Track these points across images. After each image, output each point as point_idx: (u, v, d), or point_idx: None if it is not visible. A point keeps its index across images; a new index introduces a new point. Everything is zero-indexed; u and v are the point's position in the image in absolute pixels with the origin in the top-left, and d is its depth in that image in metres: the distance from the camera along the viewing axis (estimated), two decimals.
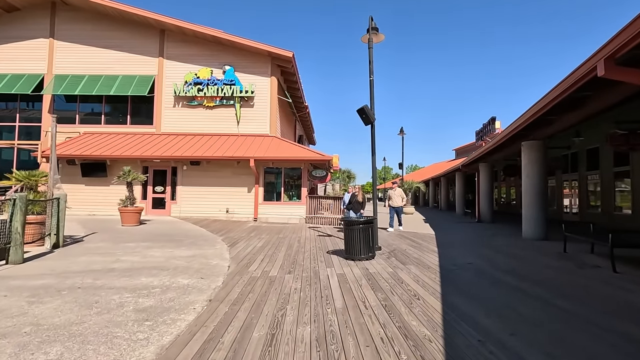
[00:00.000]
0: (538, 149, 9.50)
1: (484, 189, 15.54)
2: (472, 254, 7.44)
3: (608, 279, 5.15)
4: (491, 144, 10.71)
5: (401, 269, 6.09)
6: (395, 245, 8.56)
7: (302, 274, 5.79)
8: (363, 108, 7.66)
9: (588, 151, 15.62)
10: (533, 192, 9.54)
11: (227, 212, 15.05)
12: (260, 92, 16.65)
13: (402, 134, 21.44)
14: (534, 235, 9.49)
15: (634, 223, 12.63)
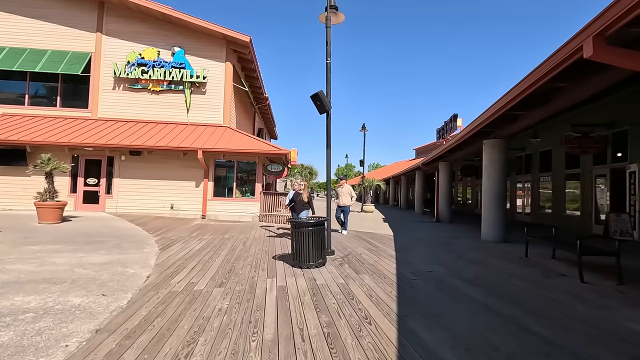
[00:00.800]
0: (500, 148, 9.09)
1: (443, 188, 15.26)
2: (432, 259, 6.78)
3: (580, 293, 4.61)
4: (453, 141, 10.25)
5: (354, 279, 5.24)
6: (351, 249, 7.75)
7: (236, 287, 4.76)
8: (318, 94, 6.72)
9: (541, 154, 15.84)
10: (493, 194, 9.13)
11: (171, 208, 13.56)
12: (213, 78, 15.23)
13: (364, 130, 20.87)
14: (493, 238, 9.09)
15: (582, 224, 12.82)
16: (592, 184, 12.50)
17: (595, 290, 4.70)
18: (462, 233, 11.13)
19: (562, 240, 6.45)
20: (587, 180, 12.75)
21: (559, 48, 3.97)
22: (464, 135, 9.20)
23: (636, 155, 10.49)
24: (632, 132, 10.74)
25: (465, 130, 9.06)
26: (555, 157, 14.62)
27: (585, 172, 12.83)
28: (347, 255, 7.06)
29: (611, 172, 11.68)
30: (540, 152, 15.83)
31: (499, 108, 6.38)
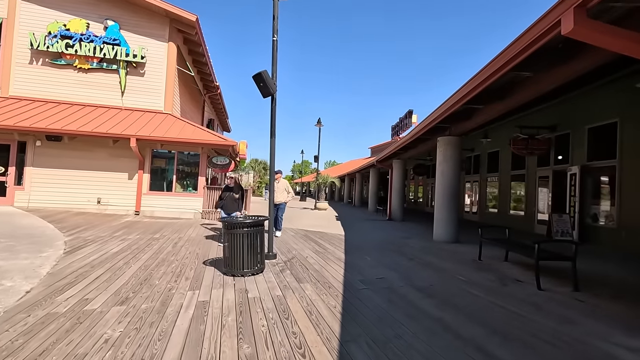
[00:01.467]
0: (455, 145, 8.79)
1: (397, 186, 15.00)
2: (383, 262, 6.18)
3: (540, 302, 4.19)
4: (407, 137, 9.84)
5: (294, 289, 4.44)
6: (296, 252, 6.95)
7: (143, 304, 3.75)
8: (261, 74, 5.81)
9: (489, 154, 16.17)
10: (446, 193, 8.82)
11: (98, 202, 11.88)
12: (154, 59, 13.63)
13: (319, 125, 20.17)
14: (446, 238, 8.78)
15: (525, 224, 13.15)
16: (535, 185, 12.83)
17: (553, 299, 4.33)
18: (414, 232, 10.81)
19: (513, 242, 6.15)
20: (531, 181, 13.08)
21: (534, 23, 3.48)
22: (418, 131, 8.80)
23: (577, 158, 10.81)
24: (573, 135, 11.05)
25: (421, 125, 8.65)
26: (503, 158, 14.95)
27: (530, 173, 13.16)
28: (291, 259, 6.24)
29: (554, 173, 12.02)
30: (489, 152, 16.16)
31: (457, 100, 5.93)
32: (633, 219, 8.90)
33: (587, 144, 10.51)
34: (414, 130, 9.08)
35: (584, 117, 10.61)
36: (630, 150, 9.09)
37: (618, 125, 9.46)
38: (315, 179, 21.51)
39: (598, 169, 10.14)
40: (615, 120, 9.56)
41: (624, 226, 9.15)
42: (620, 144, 9.38)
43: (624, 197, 9.22)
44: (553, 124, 11.91)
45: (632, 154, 9.03)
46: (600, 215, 10.03)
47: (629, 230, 8.99)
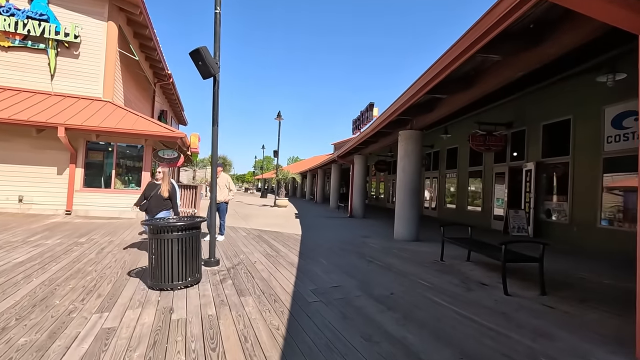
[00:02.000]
0: (416, 140, 8.39)
1: (358, 182, 14.57)
2: (340, 266, 5.57)
3: (509, 312, 3.76)
4: (368, 130, 9.34)
5: (232, 306, 3.68)
6: (245, 256, 6.16)
7: (25, 336, 2.83)
8: (199, 51, 4.93)
9: (448, 151, 16.23)
10: (408, 189, 8.41)
11: (20, 201, 10.28)
12: (90, 40, 12.09)
13: (279, 118, 19.30)
14: (407, 236, 8.38)
15: (482, 220, 13.23)
16: (492, 181, 12.93)
17: (522, 306, 3.92)
18: (374, 231, 10.37)
19: (476, 242, 5.79)
20: (488, 177, 13.17)
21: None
22: (379, 124, 8.31)
23: (532, 154, 10.91)
24: (529, 132, 11.15)
25: (381, 117, 8.15)
26: (461, 154, 15.01)
27: (487, 169, 13.25)
28: (236, 265, 5.45)
29: (510, 170, 12.12)
30: (448, 149, 16.21)
31: (420, 88, 5.43)
32: (584, 215, 9.03)
33: (542, 140, 10.61)
34: (375, 123, 8.59)
35: (539, 113, 10.70)
36: (583, 147, 9.21)
37: (572, 122, 9.58)
38: (275, 175, 20.66)
39: (552, 165, 10.26)
40: (569, 117, 9.67)
41: (575, 222, 9.28)
42: (574, 141, 9.50)
43: (576, 193, 9.35)
44: (509, 121, 11.99)
45: (585, 151, 9.15)
46: (554, 211, 10.16)
47: (580, 226, 9.11)
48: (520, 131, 11.60)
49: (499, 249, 4.93)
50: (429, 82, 5.05)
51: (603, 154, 8.63)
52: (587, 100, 9.10)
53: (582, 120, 9.26)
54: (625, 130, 8.12)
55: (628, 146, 8.03)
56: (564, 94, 9.78)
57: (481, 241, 5.74)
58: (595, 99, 8.85)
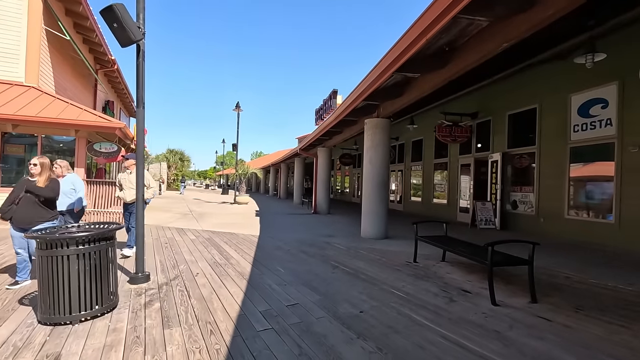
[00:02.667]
0: (383, 128, 7.67)
1: (322, 177, 13.77)
2: (300, 276, 4.70)
3: (505, 331, 3.08)
4: (331, 118, 8.50)
5: (149, 346, 2.69)
6: (186, 266, 5.11)
7: None
8: (112, 8, 3.79)
9: (414, 143, 15.86)
10: (375, 182, 7.69)
11: None
12: (7, 14, 10.22)
13: (238, 109, 17.97)
14: (375, 234, 7.68)
15: (448, 212, 12.95)
16: (457, 173, 12.64)
17: (515, 320, 3.27)
18: (340, 228, 9.61)
19: (454, 241, 5.15)
20: (453, 169, 12.88)
21: None
22: (344, 111, 7.49)
23: (498, 145, 10.65)
24: (494, 122, 10.88)
25: (346, 103, 7.31)
26: (426, 146, 14.66)
27: (452, 161, 12.95)
28: (172, 280, 4.41)
29: (475, 161, 11.85)
30: (413, 141, 15.83)
31: (388, 64, 4.63)
32: (550, 206, 8.82)
33: (508, 130, 10.35)
34: (339, 110, 7.76)
35: (504, 103, 10.42)
36: (549, 136, 8.98)
37: (538, 112, 9.33)
38: (235, 170, 19.36)
39: (518, 156, 10.02)
40: (534, 106, 9.42)
41: (542, 213, 9.07)
42: (540, 131, 9.26)
43: (542, 184, 9.13)
44: (475, 111, 11.69)
45: (551, 141, 8.92)
46: (520, 202, 9.94)
47: (547, 217, 8.91)
48: (486, 121, 11.32)
49: (480, 249, 4.30)
50: (400, 56, 4.27)
51: (570, 143, 8.42)
52: (553, 89, 8.85)
53: (548, 109, 9.02)
54: (592, 119, 7.91)
55: (595, 134, 7.82)
56: (530, 82, 9.52)
57: (459, 240, 5.11)
58: (562, 87, 8.61)
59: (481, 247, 4.28)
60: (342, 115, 7.74)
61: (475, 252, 4.21)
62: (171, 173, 33.09)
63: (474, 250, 4.33)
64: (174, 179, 31.41)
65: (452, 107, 12.15)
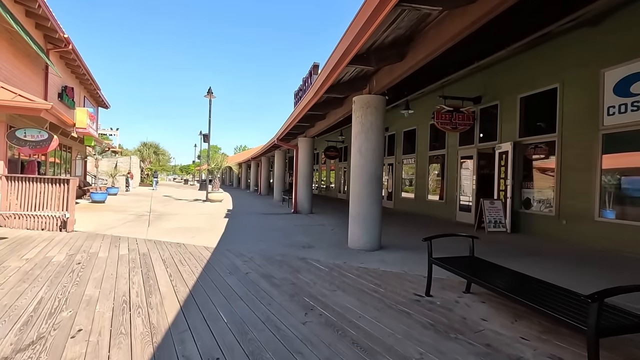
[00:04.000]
0: (377, 109, 5.87)
1: (303, 171, 11.93)
2: (247, 334, 2.87)
3: None
4: (309, 95, 6.59)
5: None
6: (71, 312, 3.20)
7: None
8: None
9: (406, 134, 14.19)
10: (366, 179, 5.92)
11: None
12: None
13: (209, 96, 15.87)
14: (365, 244, 5.92)
15: (445, 212, 11.35)
16: (457, 166, 11.02)
17: None
18: (322, 234, 7.82)
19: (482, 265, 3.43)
20: (452, 162, 11.25)
21: None
22: (325, 81, 5.53)
23: (507, 134, 9.03)
24: (502, 107, 9.25)
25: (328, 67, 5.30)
26: (420, 136, 13.00)
27: (451, 153, 11.32)
28: (22, 350, 2.51)
29: (478, 153, 10.24)
30: (405, 132, 14.16)
31: None
32: (575, 205, 7.24)
33: (520, 116, 8.72)
34: (319, 79, 5.83)
35: (515, 84, 8.79)
36: (573, 122, 7.38)
37: (559, 92, 7.71)
38: (207, 164, 17.31)
39: (534, 145, 8.41)
40: (554, 85, 7.80)
41: (564, 213, 7.50)
42: (561, 115, 7.65)
43: (564, 178, 7.54)
44: (477, 95, 10.04)
45: (576, 127, 7.32)
46: (535, 201, 8.36)
47: (570, 218, 7.33)
48: (492, 107, 9.69)
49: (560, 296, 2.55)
50: None
51: (602, 129, 6.81)
52: (580, 63, 7.23)
53: (572, 89, 7.40)
54: (634, 98, 6.30)
55: (638, 117, 6.23)
56: (549, 57, 7.89)
57: (498, 266, 3.38)
58: (592, 61, 6.99)
59: (560, 293, 2.54)
60: (323, 88, 5.87)
61: (549, 298, 2.46)
62: (145, 167, 30.58)
63: (546, 293, 2.59)
64: (147, 173, 28.98)
65: (451, 90, 10.48)
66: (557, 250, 6.44)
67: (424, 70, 7.55)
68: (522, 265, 4.23)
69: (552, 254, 6.09)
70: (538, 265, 5.01)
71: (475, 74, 10.04)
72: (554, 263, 5.35)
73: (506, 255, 5.83)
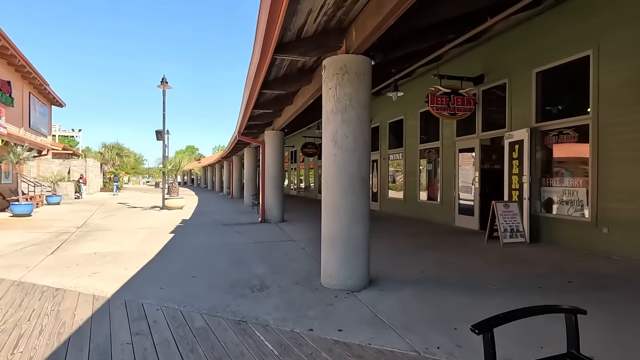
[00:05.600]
0: (359, 73, 3.81)
1: (272, 171, 9.79)
2: None
3: None
4: (256, 59, 4.38)
5: None
6: None
7: None
8: None
9: (391, 125, 12.26)
10: (346, 181, 3.86)
11: None
12: None
13: (163, 86, 13.45)
14: (346, 282, 3.86)
15: (441, 214, 9.48)
16: (455, 161, 9.14)
17: None
18: (287, 257, 5.74)
19: None
20: (448, 156, 9.37)
21: None
22: (269, 25, 3.42)
23: (520, 119, 7.18)
24: (512, 86, 7.40)
25: None
26: (409, 127, 11.08)
27: (447, 145, 9.43)
28: None
29: (482, 143, 8.39)
30: (391, 123, 12.23)
31: None
32: (622, 208, 5.42)
33: (537, 96, 6.88)
34: (261, 24, 3.67)
35: (529, 56, 6.93)
36: (615, 98, 5.55)
37: (591, 61, 5.88)
38: (162, 165, 14.90)
39: (557, 132, 6.57)
40: (586, 53, 5.96)
41: (604, 219, 5.67)
42: (597, 90, 5.81)
43: (605, 173, 5.71)
44: (479, 74, 8.17)
45: (619, 104, 5.50)
46: (561, 201, 6.54)
47: (616, 225, 5.51)
48: (498, 87, 7.83)
49: None
50: None
51: None
52: (622, 19, 5.41)
53: (613, 55, 5.58)
54: None
55: None
56: (577, 16, 6.04)
57: None
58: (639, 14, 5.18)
59: None
60: (271, 40, 3.68)
61: None
62: (108, 171, 27.56)
63: None
64: (109, 177, 26.03)
65: (447, 69, 8.58)
66: (615, 273, 4.59)
67: (414, 36, 5.61)
68: (610, 315, 2.28)
69: (622, 282, 4.21)
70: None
71: (476, 49, 8.18)
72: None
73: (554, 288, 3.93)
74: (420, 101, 9.28)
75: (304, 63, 5.00)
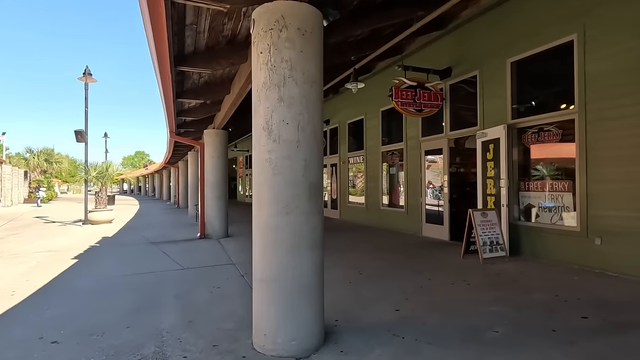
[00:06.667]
0: (305, 29, 2.53)
1: (212, 178, 8.19)
2: None
3: None
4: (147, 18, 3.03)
5: None
6: None
7: None
8: None
9: (351, 126, 11.20)
10: (288, 191, 2.51)
11: None
12: None
13: (86, 78, 11.28)
14: (290, 344, 2.52)
15: (408, 224, 8.49)
16: (421, 163, 8.19)
17: None
18: (217, 294, 4.28)
19: None
20: (413, 157, 8.41)
21: None
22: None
23: (493, 115, 6.33)
24: (484, 77, 6.55)
25: None
26: (370, 127, 10.04)
27: (411, 146, 8.47)
28: None
29: (450, 144, 7.49)
30: (350, 123, 11.15)
31: None
32: (616, 216, 4.64)
33: (512, 89, 6.05)
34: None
35: (503, 44, 6.10)
36: (606, 87, 4.78)
37: (576, 47, 5.10)
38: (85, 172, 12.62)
39: (537, 129, 5.74)
40: (569, 38, 5.18)
41: (596, 228, 4.86)
42: (583, 80, 5.03)
43: (594, 174, 4.91)
44: (445, 67, 7.30)
45: (611, 95, 4.73)
46: (543, 208, 5.71)
47: (610, 235, 4.71)
48: (466, 81, 6.98)
49: None
50: None
51: None
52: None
53: (599, 39, 4.82)
54: None
55: None
56: None
57: None
58: None
59: None
60: None
61: None
62: (34, 180, 23.85)
63: None
64: (36, 186, 22.48)
65: (411, 61, 7.62)
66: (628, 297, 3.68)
67: (378, 6, 4.48)
68: None
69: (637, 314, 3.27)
70: None
71: (443, 38, 7.31)
72: None
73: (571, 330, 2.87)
74: (382, 99, 8.29)
75: (234, 29, 3.61)
